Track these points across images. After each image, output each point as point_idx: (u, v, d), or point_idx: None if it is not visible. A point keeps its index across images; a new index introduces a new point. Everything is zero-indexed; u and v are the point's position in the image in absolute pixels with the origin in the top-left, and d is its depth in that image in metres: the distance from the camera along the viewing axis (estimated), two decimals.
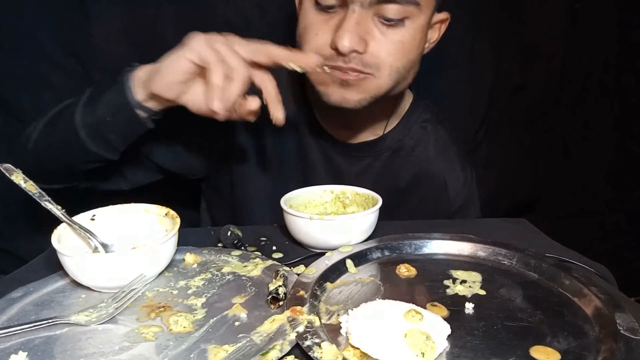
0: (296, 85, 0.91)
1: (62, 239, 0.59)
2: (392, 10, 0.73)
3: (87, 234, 0.62)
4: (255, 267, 0.64)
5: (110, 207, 0.67)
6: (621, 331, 0.48)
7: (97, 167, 0.77)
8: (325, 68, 0.73)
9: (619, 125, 1.36)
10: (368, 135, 0.92)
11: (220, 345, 0.48)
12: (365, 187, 0.78)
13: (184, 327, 0.51)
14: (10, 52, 1.03)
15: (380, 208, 0.71)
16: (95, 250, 0.62)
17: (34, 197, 0.61)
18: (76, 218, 0.63)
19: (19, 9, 1.01)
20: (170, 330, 0.51)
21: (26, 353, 0.47)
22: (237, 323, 0.52)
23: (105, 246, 0.63)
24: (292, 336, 0.48)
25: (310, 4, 0.77)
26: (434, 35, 0.85)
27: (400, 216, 0.73)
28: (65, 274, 0.59)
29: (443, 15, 0.83)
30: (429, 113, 0.96)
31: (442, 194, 0.94)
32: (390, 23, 0.74)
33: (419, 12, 0.75)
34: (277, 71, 0.89)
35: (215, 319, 0.53)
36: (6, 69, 1.04)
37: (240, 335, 0.50)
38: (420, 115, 0.95)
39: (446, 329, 0.49)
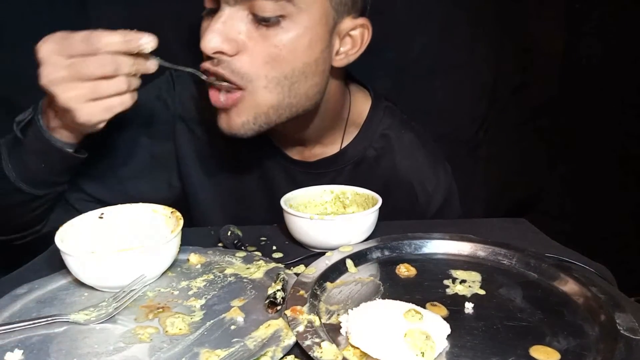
0: None
1: (65, 238, 0.60)
2: (264, 7, 0.66)
3: None
4: (258, 270, 0.63)
5: (119, 206, 0.67)
6: (621, 331, 0.48)
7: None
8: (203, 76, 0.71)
9: (619, 125, 1.36)
10: (326, 151, 0.88)
11: (213, 349, 0.47)
12: None
13: (180, 329, 0.50)
14: (10, 52, 1.03)
15: None
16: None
17: None
18: (85, 216, 0.64)
19: (19, 9, 1.01)
20: (166, 332, 0.50)
21: (22, 351, 0.47)
22: (233, 327, 0.51)
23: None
24: (286, 342, 0.47)
25: (204, 12, 0.74)
26: (355, 45, 0.76)
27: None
28: (69, 272, 0.59)
29: (361, 20, 0.75)
30: (390, 118, 0.89)
31: (413, 202, 0.89)
32: (265, 23, 0.67)
33: (299, 11, 0.67)
34: None
35: (212, 322, 0.52)
36: (6, 69, 1.04)
37: (235, 339, 0.49)
38: (381, 122, 0.88)
39: (446, 328, 0.49)
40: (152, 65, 0.65)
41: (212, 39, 0.67)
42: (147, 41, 0.62)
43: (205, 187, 0.91)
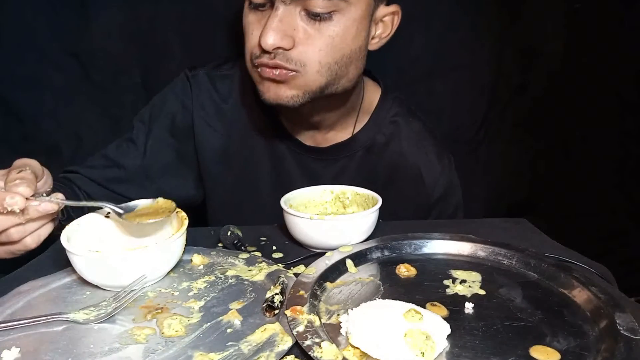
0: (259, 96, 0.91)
1: (71, 237, 0.60)
2: (318, 4, 0.71)
3: (100, 203, 0.64)
4: (259, 272, 0.63)
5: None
6: (621, 331, 0.48)
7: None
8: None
9: (619, 125, 1.36)
10: (338, 137, 0.92)
11: (207, 352, 0.47)
12: None
13: (176, 330, 0.50)
14: (10, 52, 1.03)
15: None
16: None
17: None
18: (91, 215, 0.64)
19: (19, 9, 1.01)
20: (163, 333, 0.50)
21: (19, 349, 0.47)
22: (229, 330, 0.51)
23: (121, 208, 0.64)
24: (280, 348, 0.47)
25: (246, 4, 0.77)
26: (386, 30, 0.83)
27: (381, 213, 0.73)
28: (74, 270, 0.59)
29: (393, 7, 0.81)
30: (398, 106, 0.95)
31: (420, 186, 0.93)
32: (318, 18, 0.72)
33: (348, 5, 0.73)
34: (244, 79, 0.89)
35: (209, 324, 0.52)
36: (6, 69, 1.04)
37: (230, 343, 0.49)
38: (390, 109, 0.94)
39: (446, 328, 0.49)
40: (47, 207, 0.60)
41: (271, 37, 0.71)
42: (13, 202, 0.56)
43: (224, 179, 0.95)
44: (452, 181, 0.96)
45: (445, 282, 0.60)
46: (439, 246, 0.69)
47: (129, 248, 0.63)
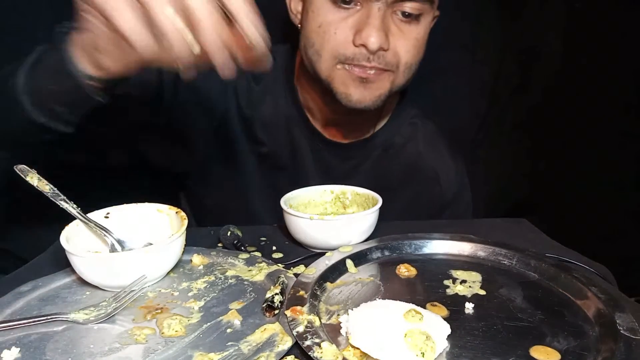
0: (287, 86, 0.91)
1: (71, 238, 0.60)
2: (411, 6, 0.76)
3: (103, 232, 0.62)
4: (259, 272, 0.63)
5: (125, 205, 0.67)
6: (621, 331, 0.48)
7: (50, 137, 0.65)
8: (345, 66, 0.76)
9: (619, 125, 1.36)
10: (359, 134, 0.93)
11: (207, 352, 0.47)
12: (355, 185, 0.78)
13: (176, 331, 0.50)
14: (11, 52, 1.03)
15: None
16: (113, 247, 0.62)
17: (47, 195, 0.59)
18: (90, 215, 0.64)
19: (19, 9, 1.01)
20: (162, 333, 0.50)
21: (19, 349, 0.47)
22: (229, 330, 0.51)
23: (121, 242, 0.63)
24: (280, 348, 0.47)
25: (324, 0, 0.76)
26: None
27: (393, 213, 0.72)
28: (73, 271, 0.59)
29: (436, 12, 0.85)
30: (416, 108, 0.97)
31: (435, 186, 0.94)
32: (408, 19, 0.76)
33: (431, 9, 0.79)
34: (275, 66, 0.89)
35: (208, 324, 0.52)
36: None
37: (229, 343, 0.49)
38: (409, 111, 0.96)
39: (446, 328, 0.49)
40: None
41: (377, 37, 0.74)
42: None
43: (246, 168, 0.93)
44: (464, 180, 0.98)
45: (446, 282, 0.60)
46: (439, 246, 0.69)
47: (128, 248, 0.63)
